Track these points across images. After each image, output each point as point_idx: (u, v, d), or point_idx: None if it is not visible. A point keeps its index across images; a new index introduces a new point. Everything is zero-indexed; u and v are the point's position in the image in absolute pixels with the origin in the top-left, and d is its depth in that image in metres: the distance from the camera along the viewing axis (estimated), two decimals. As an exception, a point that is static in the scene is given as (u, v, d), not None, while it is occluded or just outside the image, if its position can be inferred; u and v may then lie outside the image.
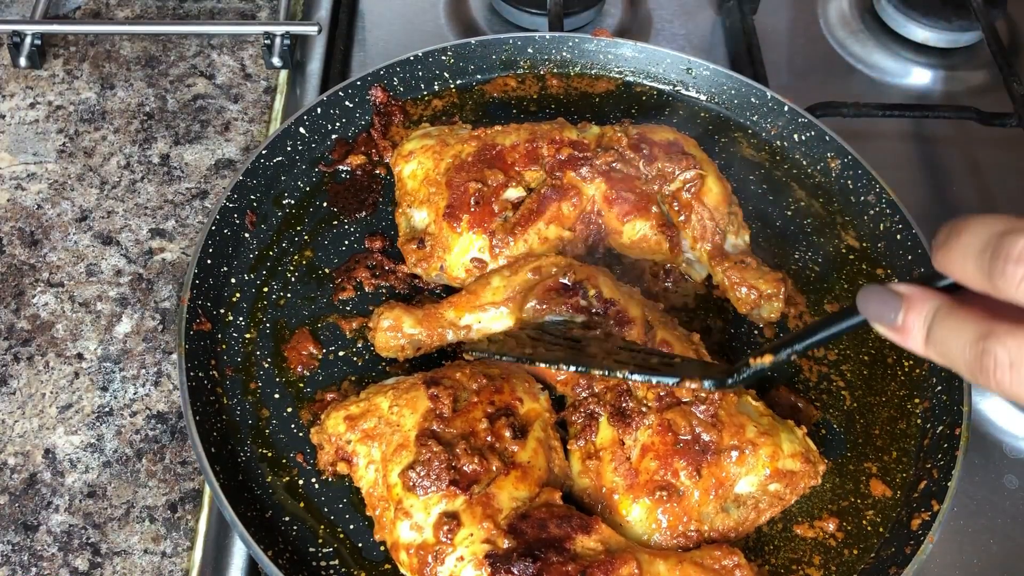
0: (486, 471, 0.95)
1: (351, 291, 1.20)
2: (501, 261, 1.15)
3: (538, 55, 1.45)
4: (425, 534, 0.94)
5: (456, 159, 1.20)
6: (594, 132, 1.24)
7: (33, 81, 1.53)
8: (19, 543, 1.09)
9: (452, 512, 0.93)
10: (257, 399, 1.11)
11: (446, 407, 0.99)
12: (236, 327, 1.17)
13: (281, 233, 1.25)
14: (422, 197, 1.20)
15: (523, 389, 1.04)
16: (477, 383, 1.02)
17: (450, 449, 0.96)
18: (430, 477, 0.95)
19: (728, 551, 0.95)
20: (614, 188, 1.18)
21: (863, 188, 1.30)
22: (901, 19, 1.69)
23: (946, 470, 1.05)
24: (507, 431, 0.99)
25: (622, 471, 0.99)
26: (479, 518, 0.93)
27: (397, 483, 0.96)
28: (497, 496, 0.95)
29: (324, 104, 1.33)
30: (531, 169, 1.20)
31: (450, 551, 0.92)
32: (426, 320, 1.11)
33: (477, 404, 1.01)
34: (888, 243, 1.26)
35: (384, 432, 1.00)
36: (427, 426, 0.98)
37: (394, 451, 0.98)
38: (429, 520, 0.94)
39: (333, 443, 1.03)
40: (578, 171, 1.18)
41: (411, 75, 1.39)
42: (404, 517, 0.95)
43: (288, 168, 1.30)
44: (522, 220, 1.16)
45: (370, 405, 1.02)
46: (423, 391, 1.01)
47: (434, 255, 1.17)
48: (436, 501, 0.94)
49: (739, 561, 0.94)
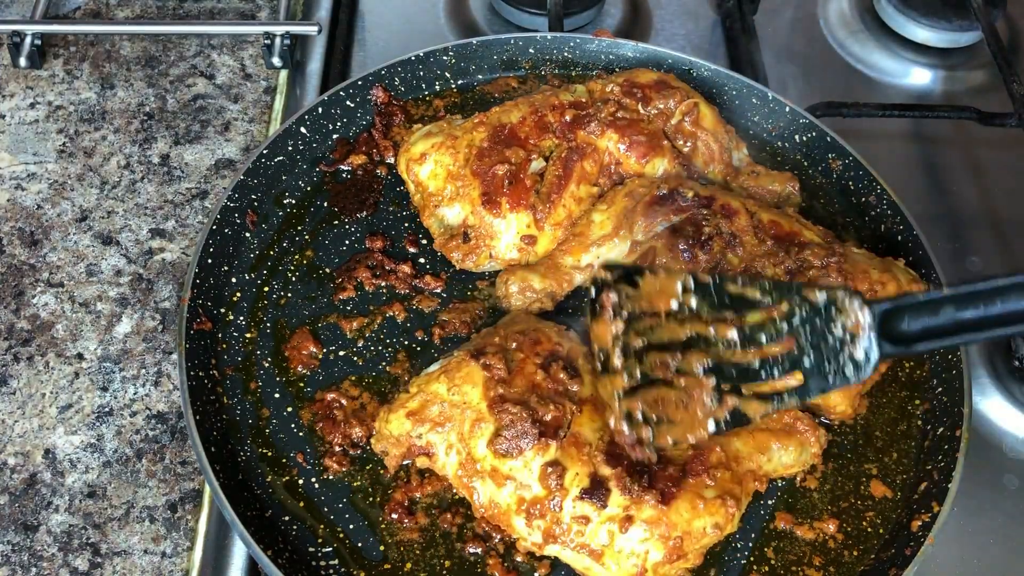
0: (564, 414, 1.00)
1: (352, 291, 1.20)
2: (548, 230, 1.19)
3: (539, 55, 1.45)
4: (534, 490, 0.97)
5: (472, 148, 1.20)
6: (581, 90, 1.28)
7: (33, 81, 1.53)
8: (19, 543, 1.09)
9: (552, 460, 0.98)
10: (257, 399, 1.11)
11: (502, 370, 1.03)
12: (236, 327, 1.16)
13: (282, 233, 1.25)
14: (450, 194, 1.20)
15: (556, 333, 1.08)
16: (516, 341, 1.06)
17: (526, 406, 0.99)
18: (520, 437, 0.98)
19: (785, 410, 1.03)
20: (625, 135, 1.23)
21: (864, 189, 1.30)
22: (901, 19, 1.69)
23: (946, 472, 1.05)
24: (563, 373, 1.03)
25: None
26: (576, 457, 0.98)
27: (487, 455, 0.99)
28: (581, 432, 1.00)
29: (325, 104, 1.32)
30: (545, 138, 1.23)
31: (565, 494, 0.96)
32: (550, 273, 1.16)
33: (526, 359, 1.04)
34: (889, 244, 1.26)
35: (453, 414, 1.02)
36: (494, 393, 1.01)
37: (471, 427, 1.00)
38: (533, 476, 0.97)
39: (402, 443, 1.03)
40: (587, 128, 1.22)
41: (412, 75, 1.39)
42: (507, 482, 0.98)
43: (289, 168, 1.30)
44: (554, 187, 1.19)
45: (427, 395, 1.03)
46: (474, 364, 1.03)
47: (481, 245, 1.18)
48: (533, 456, 0.98)
49: (797, 414, 1.04)
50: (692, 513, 0.95)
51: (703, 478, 0.96)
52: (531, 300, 1.15)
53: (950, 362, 1.13)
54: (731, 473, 0.98)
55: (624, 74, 1.30)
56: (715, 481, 0.97)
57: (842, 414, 1.10)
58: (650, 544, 0.94)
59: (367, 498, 1.05)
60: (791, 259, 1.11)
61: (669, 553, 0.94)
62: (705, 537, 0.95)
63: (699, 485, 0.96)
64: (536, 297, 1.15)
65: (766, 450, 1.02)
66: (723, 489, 0.97)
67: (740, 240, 1.13)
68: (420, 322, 1.18)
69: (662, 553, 0.94)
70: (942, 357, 1.14)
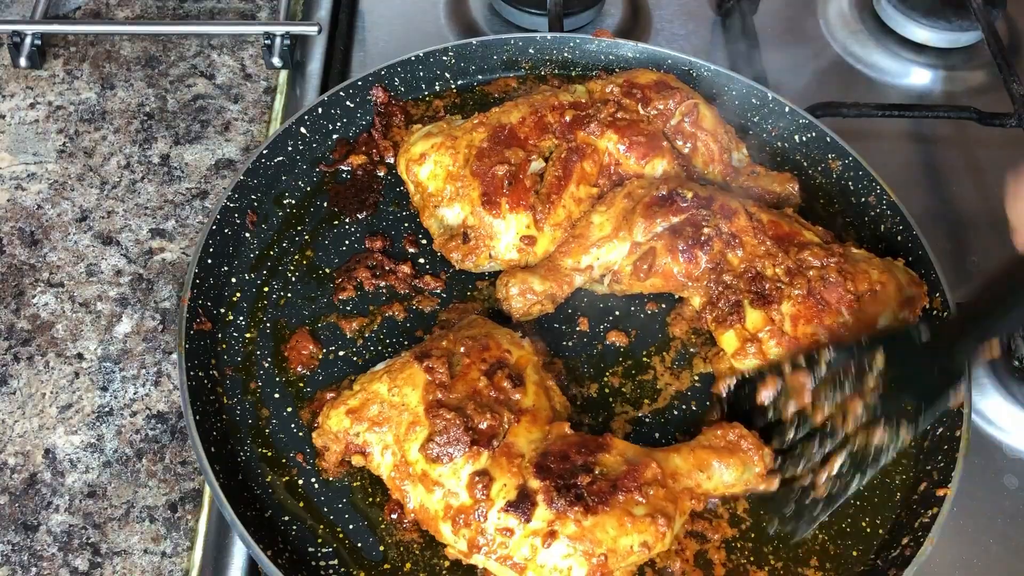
0: (499, 423, 0.99)
1: (351, 291, 1.20)
2: (547, 231, 1.18)
3: (539, 56, 1.45)
4: (461, 498, 0.96)
5: (471, 148, 1.20)
6: (581, 90, 1.28)
7: (33, 81, 1.53)
8: (19, 543, 1.09)
9: (481, 470, 0.97)
10: (257, 399, 1.11)
11: (444, 375, 1.02)
12: (236, 327, 1.16)
13: (282, 233, 1.25)
14: (450, 194, 1.20)
15: (507, 340, 1.07)
16: (464, 346, 1.05)
17: (461, 412, 0.99)
18: (452, 443, 0.97)
19: (728, 426, 1.03)
20: (625, 136, 1.23)
21: (864, 189, 1.30)
22: (901, 19, 1.69)
23: (946, 472, 1.05)
24: (506, 382, 1.02)
25: (785, 343, 1.08)
26: (506, 467, 0.97)
27: (419, 459, 0.98)
28: (515, 443, 0.99)
29: (325, 104, 1.32)
30: (545, 139, 1.22)
31: (490, 505, 0.95)
32: (550, 274, 1.16)
33: (471, 365, 1.03)
34: (889, 244, 1.26)
35: (391, 415, 1.01)
36: (432, 397, 1.00)
37: (407, 430, 1.00)
38: (461, 484, 0.97)
39: (340, 440, 1.03)
40: (587, 129, 1.22)
41: (412, 75, 1.39)
42: (435, 487, 0.97)
43: (289, 168, 1.30)
44: (553, 187, 1.19)
45: (368, 394, 1.03)
46: (417, 366, 1.03)
47: (480, 246, 1.18)
48: (463, 464, 0.97)
49: (741, 432, 1.02)
50: (619, 530, 0.92)
51: (633, 495, 0.94)
52: (532, 303, 1.15)
53: None
54: (666, 490, 0.96)
55: (624, 74, 1.30)
56: (646, 498, 0.94)
57: None
58: (573, 560, 0.92)
59: (367, 498, 1.05)
60: (791, 259, 1.11)
61: (592, 570, 0.92)
62: (632, 555, 0.93)
63: (629, 502, 0.94)
64: (537, 299, 1.15)
65: (706, 467, 1.00)
66: (655, 507, 0.94)
67: (740, 240, 1.13)
68: (420, 322, 1.18)
69: (585, 570, 0.92)
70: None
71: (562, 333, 1.19)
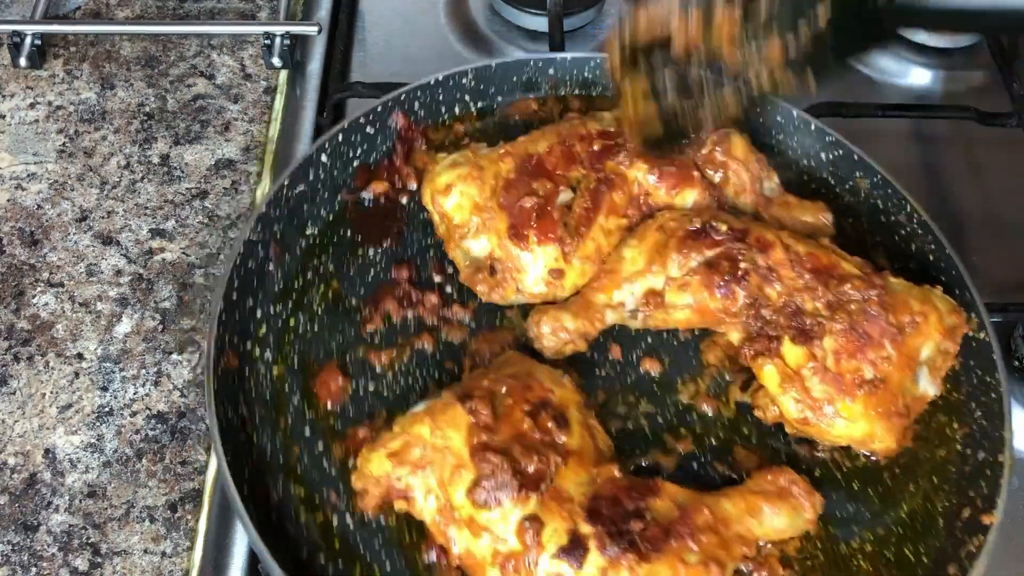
0: (547, 466, 0.97)
1: (379, 322, 1.16)
2: (576, 264, 1.15)
3: (560, 76, 1.41)
4: (510, 543, 0.93)
5: (499, 179, 1.18)
6: (609, 118, 1.25)
7: (33, 81, 1.53)
8: (19, 543, 1.09)
9: (531, 515, 0.94)
10: (287, 436, 1.08)
11: (487, 416, 0.99)
12: (264, 362, 1.13)
13: (306, 264, 1.22)
14: (476, 226, 1.17)
15: (549, 379, 1.05)
16: (506, 386, 1.02)
17: (507, 455, 0.96)
18: (500, 488, 0.94)
19: (778, 471, 1.02)
20: (655, 166, 1.20)
21: (894, 208, 1.27)
22: (901, 19, 1.69)
23: (990, 499, 1.02)
24: (551, 423, 1.00)
25: (829, 379, 1.05)
26: (556, 512, 0.94)
27: (464, 503, 0.95)
28: (564, 486, 0.96)
29: (345, 131, 1.28)
30: (573, 169, 1.20)
31: (541, 551, 0.93)
32: (582, 312, 1.12)
33: (514, 406, 1.00)
34: (920, 264, 1.23)
35: (434, 458, 0.97)
36: (477, 440, 0.97)
37: (451, 473, 0.96)
38: (510, 529, 0.94)
39: (381, 484, 0.99)
40: (616, 158, 1.20)
41: (432, 99, 1.35)
42: (483, 533, 0.94)
43: (311, 197, 1.26)
44: (583, 220, 1.16)
45: (410, 436, 0.99)
46: (460, 408, 0.99)
47: (507, 279, 1.15)
48: (511, 509, 0.94)
49: (792, 477, 1.01)
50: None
51: (687, 541, 0.93)
52: (564, 341, 1.11)
53: (989, 385, 1.11)
54: (718, 537, 0.95)
55: None
56: (699, 545, 0.93)
57: (885, 450, 1.07)
58: None
59: (403, 538, 1.01)
60: (831, 292, 1.08)
61: None
62: None
63: (682, 548, 0.92)
64: (569, 338, 1.11)
65: (757, 513, 0.99)
66: (708, 554, 0.93)
67: (777, 274, 1.10)
68: (449, 353, 1.15)
69: None
70: (979, 380, 1.12)
71: (594, 362, 1.16)
